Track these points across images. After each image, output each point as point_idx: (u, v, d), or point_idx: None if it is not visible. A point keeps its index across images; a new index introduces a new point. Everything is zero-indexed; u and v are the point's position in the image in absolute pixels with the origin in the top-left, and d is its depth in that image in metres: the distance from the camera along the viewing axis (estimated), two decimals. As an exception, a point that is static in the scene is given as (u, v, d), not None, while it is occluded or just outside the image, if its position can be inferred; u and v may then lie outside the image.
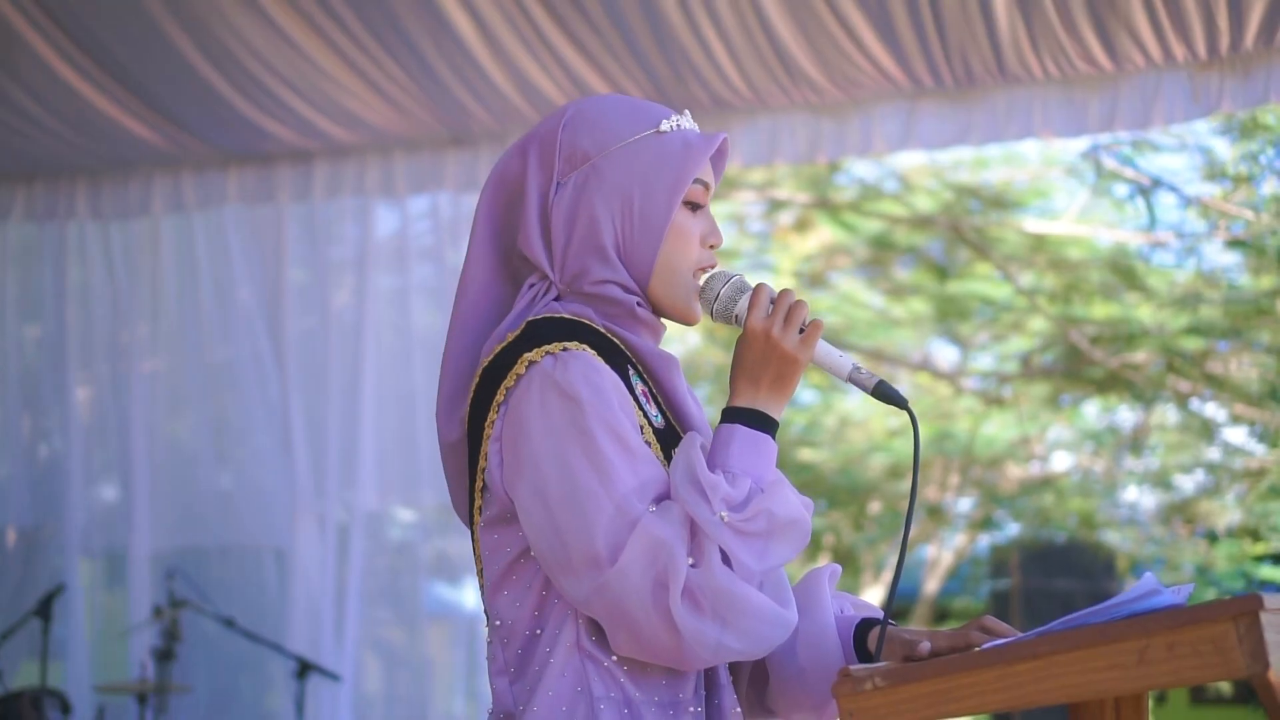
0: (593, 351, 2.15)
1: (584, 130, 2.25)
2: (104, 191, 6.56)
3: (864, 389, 2.16)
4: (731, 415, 2.17)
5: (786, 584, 2.12)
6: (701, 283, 2.25)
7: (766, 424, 2.16)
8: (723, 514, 2.04)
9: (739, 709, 2.23)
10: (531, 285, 2.27)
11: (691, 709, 2.16)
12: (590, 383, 2.11)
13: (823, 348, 2.17)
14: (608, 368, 2.14)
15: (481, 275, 2.31)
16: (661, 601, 2.01)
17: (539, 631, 2.16)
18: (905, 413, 2.16)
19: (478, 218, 2.31)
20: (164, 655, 5.77)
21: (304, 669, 5.85)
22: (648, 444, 2.15)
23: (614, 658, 2.12)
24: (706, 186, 2.27)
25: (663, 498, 2.09)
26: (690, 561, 2.03)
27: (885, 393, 2.15)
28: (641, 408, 2.18)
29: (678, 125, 2.26)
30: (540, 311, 2.23)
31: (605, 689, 2.12)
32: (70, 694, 5.94)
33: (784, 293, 2.19)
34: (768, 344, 2.15)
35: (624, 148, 2.23)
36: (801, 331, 2.17)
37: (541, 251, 2.24)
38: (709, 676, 2.21)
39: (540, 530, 2.10)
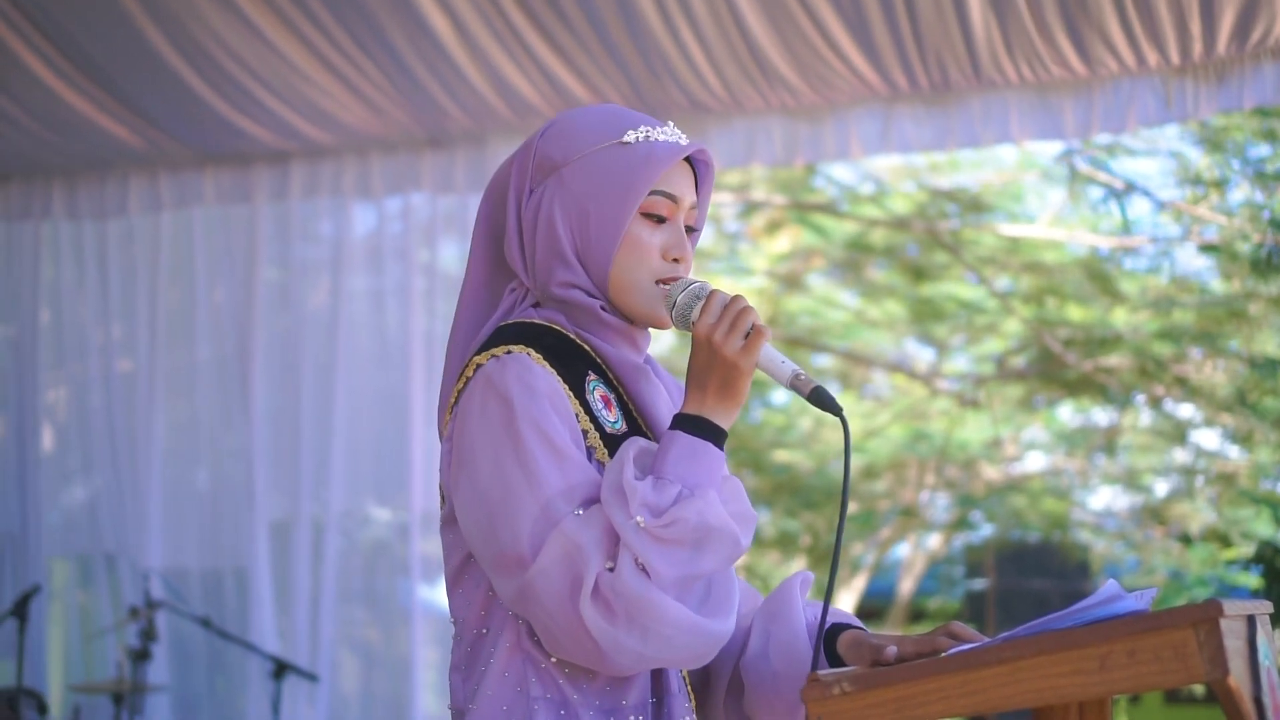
0: (536, 354, 2.16)
1: (556, 140, 2.27)
2: (80, 191, 6.55)
3: (801, 395, 2.15)
4: (676, 422, 2.15)
5: (726, 594, 2.10)
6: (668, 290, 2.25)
7: (709, 431, 2.13)
8: (639, 519, 2.03)
9: (691, 718, 2.24)
10: (512, 290, 2.32)
11: (634, 717, 2.17)
12: (524, 384, 2.12)
13: (767, 354, 2.15)
14: (544, 370, 2.15)
15: (476, 278, 2.35)
16: (575, 604, 2.03)
17: (485, 631, 2.20)
18: (840, 419, 2.15)
19: (476, 222, 2.36)
20: (140, 655, 5.77)
21: (280, 669, 5.85)
22: (592, 449, 2.16)
23: (553, 659, 2.14)
24: (672, 199, 2.25)
25: (593, 501, 2.09)
26: (609, 566, 2.03)
27: (821, 398, 2.14)
28: (594, 413, 2.19)
29: (646, 136, 2.25)
30: (515, 317, 2.27)
31: (543, 690, 2.14)
32: (46, 694, 5.94)
33: (733, 299, 2.17)
34: (711, 350, 2.14)
35: (586, 157, 2.25)
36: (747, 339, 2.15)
37: (518, 257, 2.29)
38: (659, 683, 2.22)
39: (475, 530, 2.13)
